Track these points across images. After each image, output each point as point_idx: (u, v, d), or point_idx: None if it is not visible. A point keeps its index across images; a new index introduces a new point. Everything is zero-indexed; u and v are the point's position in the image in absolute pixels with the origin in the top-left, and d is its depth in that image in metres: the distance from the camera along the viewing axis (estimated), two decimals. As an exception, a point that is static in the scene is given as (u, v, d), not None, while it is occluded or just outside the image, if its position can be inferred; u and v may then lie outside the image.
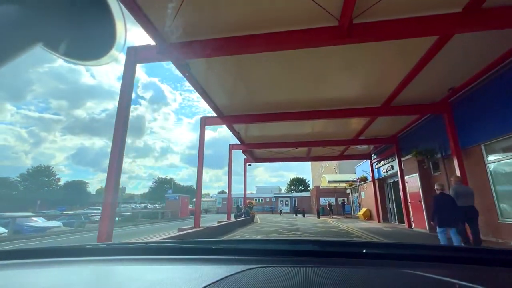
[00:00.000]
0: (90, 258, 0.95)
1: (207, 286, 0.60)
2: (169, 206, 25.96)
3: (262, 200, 43.56)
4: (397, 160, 12.20)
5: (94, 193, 78.08)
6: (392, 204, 15.12)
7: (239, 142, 13.31)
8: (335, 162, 34.38)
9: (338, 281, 0.63)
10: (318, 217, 22.70)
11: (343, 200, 25.39)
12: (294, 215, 31.22)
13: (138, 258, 0.95)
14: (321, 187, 28.62)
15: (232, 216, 17.20)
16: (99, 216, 15.59)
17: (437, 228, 5.60)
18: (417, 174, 10.06)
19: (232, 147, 13.69)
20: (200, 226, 8.53)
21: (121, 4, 0.42)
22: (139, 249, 1.11)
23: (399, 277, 0.68)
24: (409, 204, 10.94)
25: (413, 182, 10.52)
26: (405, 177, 11.23)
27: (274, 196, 42.83)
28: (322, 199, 30.79)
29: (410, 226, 11.13)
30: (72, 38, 0.43)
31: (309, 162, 75.83)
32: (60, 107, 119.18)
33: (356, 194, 25.03)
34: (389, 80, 7.32)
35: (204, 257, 0.93)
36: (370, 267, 0.78)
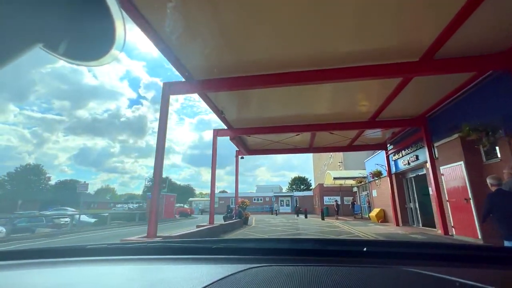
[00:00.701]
0: (91, 258, 0.97)
1: (208, 285, 0.60)
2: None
3: (261, 200, 40.94)
4: (426, 147, 9.50)
5: (93, 193, 77.09)
6: (414, 203, 12.42)
7: (226, 128, 10.68)
8: (339, 158, 31.67)
9: (340, 280, 0.62)
10: (323, 219, 20.03)
11: (353, 199, 22.61)
12: (296, 215, 28.58)
13: (139, 258, 0.95)
14: (325, 185, 25.94)
15: (223, 218, 14.60)
16: (67, 219, 12.84)
17: (505, 241, 3.57)
18: (462, 163, 7.36)
19: (217, 133, 11.04)
20: (157, 235, 5.90)
21: (119, 4, 0.40)
22: (140, 249, 1.11)
23: (401, 276, 0.68)
24: (448, 203, 8.25)
25: (453, 173, 7.82)
26: (441, 168, 8.53)
27: (274, 195, 40.16)
28: (326, 198, 28.10)
29: (446, 232, 8.44)
30: (72, 38, 0.43)
31: (312, 161, 73.27)
32: (63, 107, 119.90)
33: (365, 193, 22.29)
34: (429, 22, 4.71)
35: (205, 257, 0.93)
36: (371, 265, 0.78)
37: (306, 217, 23.80)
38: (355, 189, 26.75)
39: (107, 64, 0.46)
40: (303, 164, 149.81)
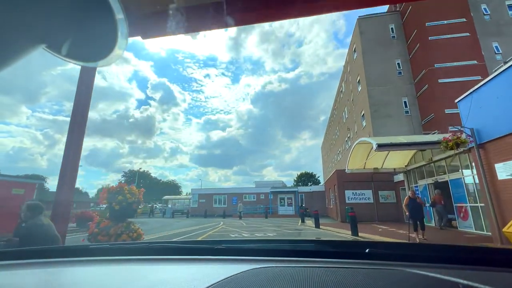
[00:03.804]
0: (93, 258, 0.96)
1: (210, 286, 0.61)
2: None
3: (254, 197, 30.41)
4: None
5: (95, 192, 72.16)
6: None
7: None
8: (367, 131, 20.80)
9: (342, 281, 0.62)
10: (355, 233, 9.40)
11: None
12: (300, 221, 18.04)
13: (141, 258, 0.95)
14: (347, 171, 15.24)
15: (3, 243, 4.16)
16: None
17: None
18: None
19: None
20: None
21: (121, 4, 0.40)
22: (142, 249, 1.11)
23: (402, 277, 0.68)
24: None
25: None
26: None
27: (271, 192, 29.51)
28: (348, 193, 17.35)
29: None
30: (74, 39, 0.43)
31: (320, 153, 62.29)
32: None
33: (431, 179, 11.61)
34: None
35: (207, 257, 0.93)
36: (373, 267, 0.77)
37: (317, 226, 13.18)
38: (399, 177, 16.04)
39: (110, 64, 0.45)
40: (311, 163, 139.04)
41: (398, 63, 20.93)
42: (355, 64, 24.43)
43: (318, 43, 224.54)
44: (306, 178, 61.12)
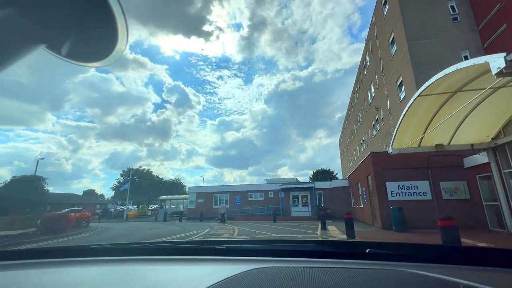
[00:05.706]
0: (94, 258, 0.97)
1: (210, 286, 0.60)
2: None
3: (261, 196, 25.25)
4: None
5: (106, 195, 72.12)
6: None
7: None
8: (411, 96, 15.10)
9: (342, 281, 0.62)
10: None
11: None
12: (320, 226, 12.74)
13: (142, 258, 0.95)
14: (392, 151, 9.81)
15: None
16: None
17: None
18: None
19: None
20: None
21: (122, 4, 0.40)
22: (143, 249, 1.11)
23: (402, 277, 0.67)
24: None
25: None
26: None
27: (282, 189, 24.19)
28: (392, 186, 11.78)
29: None
30: (74, 39, 0.43)
31: (337, 150, 56.09)
32: (94, 114, 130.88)
33: None
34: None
35: (207, 257, 0.93)
36: (373, 267, 0.77)
37: (350, 234, 7.84)
38: (475, 159, 10.29)
39: (109, 64, 0.45)
40: (328, 162, 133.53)
41: (452, 6, 15.09)
42: (386, 20, 18.72)
43: (332, 38, 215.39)
44: (323, 176, 55.20)
